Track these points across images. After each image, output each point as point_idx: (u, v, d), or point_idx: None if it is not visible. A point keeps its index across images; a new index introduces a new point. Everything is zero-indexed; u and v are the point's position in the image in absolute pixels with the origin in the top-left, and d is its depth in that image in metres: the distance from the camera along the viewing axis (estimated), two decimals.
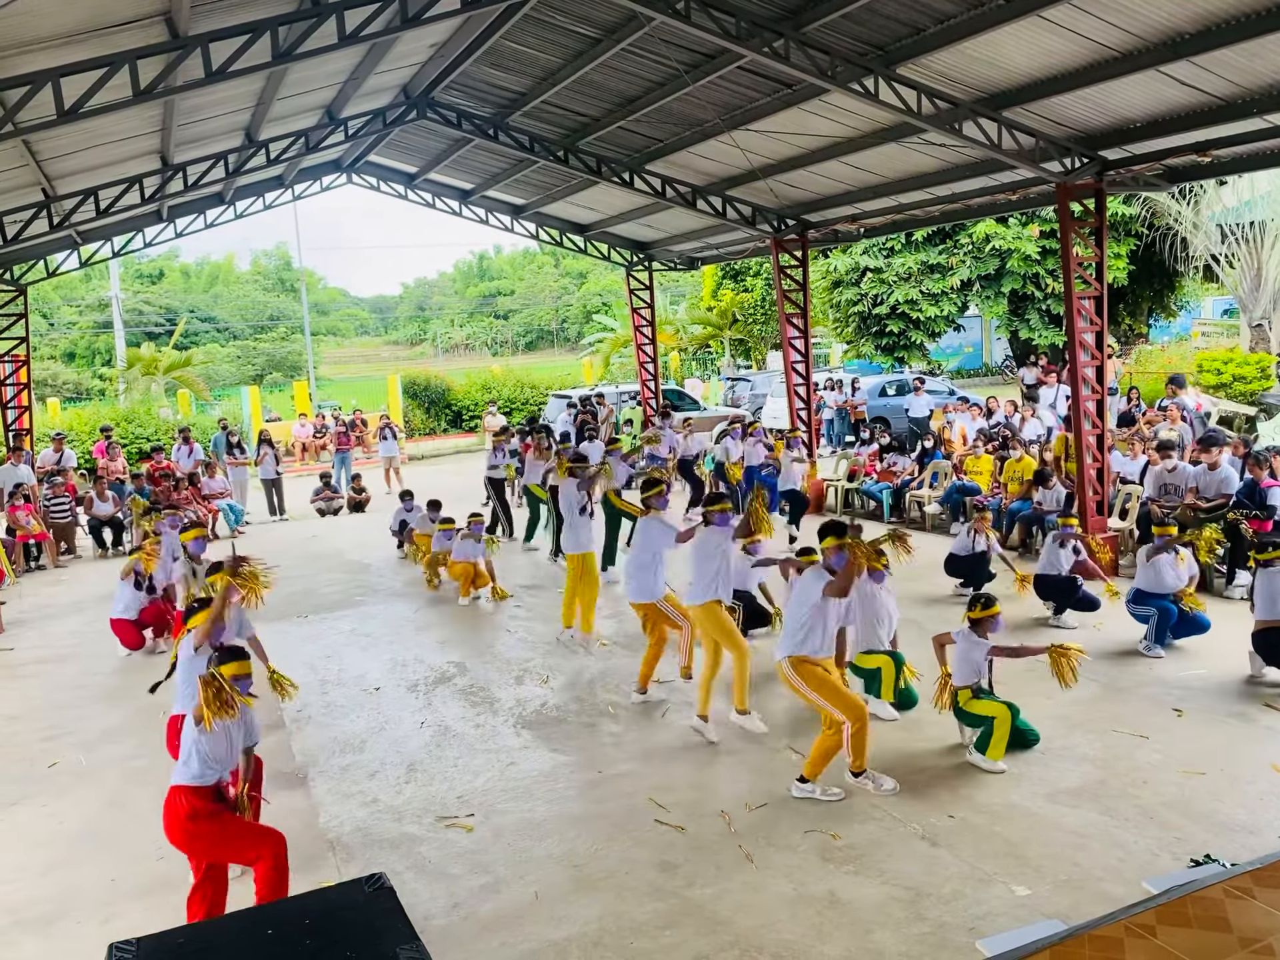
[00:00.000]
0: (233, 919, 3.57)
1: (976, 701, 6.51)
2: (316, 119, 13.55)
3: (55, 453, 17.01)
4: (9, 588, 12.75)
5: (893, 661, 7.25)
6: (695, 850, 5.51)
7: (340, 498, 17.97)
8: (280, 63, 8.07)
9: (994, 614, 6.61)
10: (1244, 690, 7.47)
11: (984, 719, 6.42)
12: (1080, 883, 5.00)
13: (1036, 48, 8.74)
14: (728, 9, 8.91)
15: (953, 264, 22.74)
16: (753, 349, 35.72)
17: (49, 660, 9.84)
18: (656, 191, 15.01)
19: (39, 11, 6.70)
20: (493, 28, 10.73)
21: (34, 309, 22.88)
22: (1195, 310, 32.26)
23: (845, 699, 5.98)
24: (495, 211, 19.09)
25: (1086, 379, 10.96)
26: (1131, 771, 6.20)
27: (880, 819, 5.76)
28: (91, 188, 12.21)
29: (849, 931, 4.71)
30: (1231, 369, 17.86)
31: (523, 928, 4.88)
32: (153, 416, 24.99)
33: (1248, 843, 5.26)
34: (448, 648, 9.52)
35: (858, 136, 11.81)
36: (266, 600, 6.31)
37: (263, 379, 47.07)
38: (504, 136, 14.15)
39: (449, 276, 77.99)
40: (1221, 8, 7.60)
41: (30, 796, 6.73)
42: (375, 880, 3.46)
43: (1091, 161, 10.54)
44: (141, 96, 7.56)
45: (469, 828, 5.92)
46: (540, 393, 29.15)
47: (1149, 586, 8.42)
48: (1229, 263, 21.82)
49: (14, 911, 5.27)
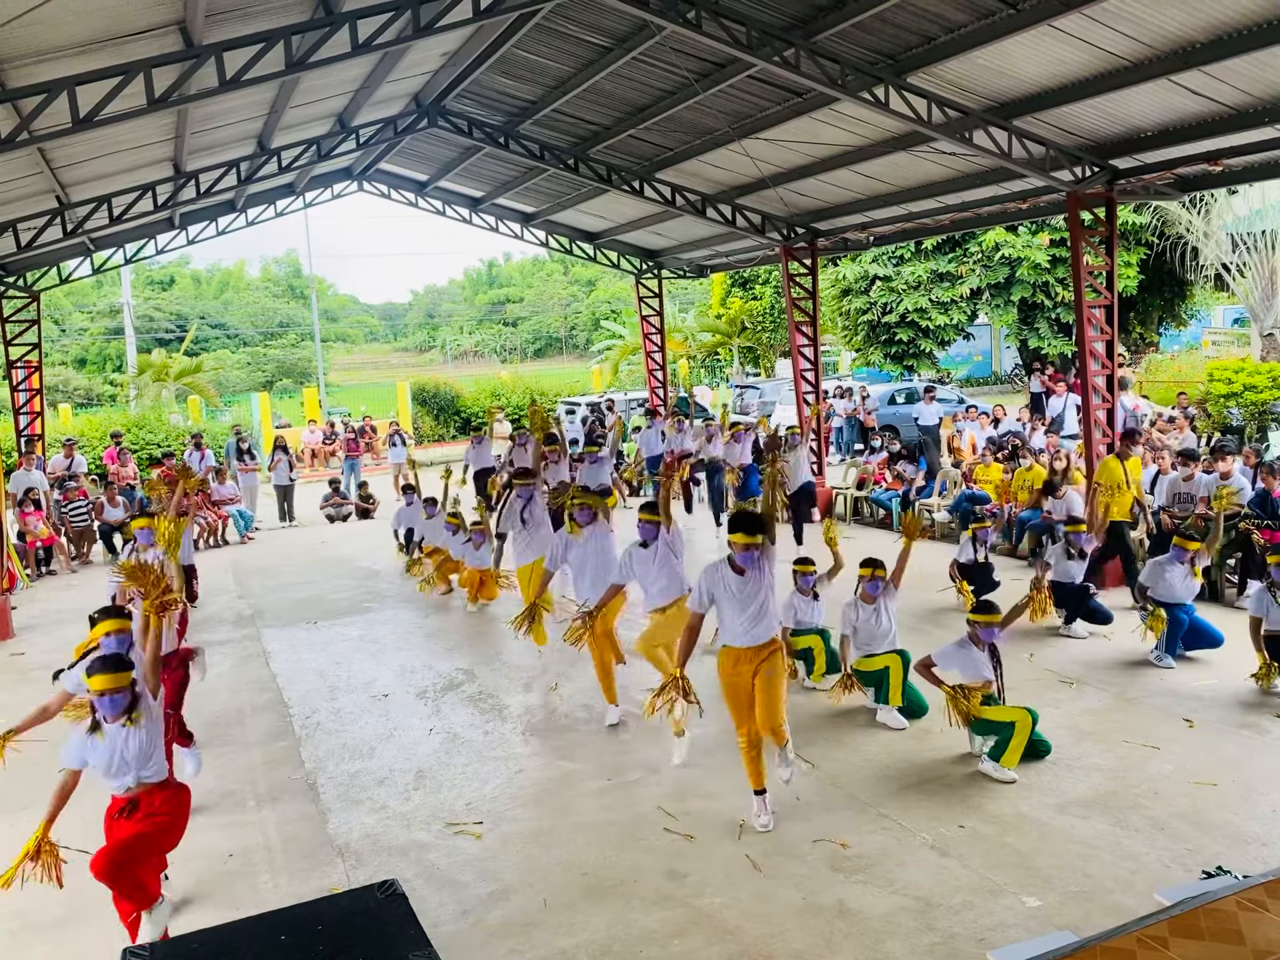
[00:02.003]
0: (247, 924, 3.57)
1: (990, 708, 6.50)
2: (328, 127, 13.61)
3: (66, 458, 17.10)
4: (21, 591, 12.81)
5: (899, 660, 7.25)
6: (704, 859, 5.50)
7: (349, 504, 18.02)
8: (293, 72, 8.12)
9: (990, 621, 6.62)
10: (1256, 701, 7.43)
11: (1002, 725, 6.38)
12: (1091, 894, 4.97)
13: (1047, 57, 8.74)
14: (739, 18, 8.94)
15: (962, 272, 22.69)
16: (762, 357, 35.71)
17: (60, 665, 9.84)
18: (666, 200, 15.04)
19: (55, 21, 6.75)
20: (504, 37, 10.78)
21: (46, 315, 23.02)
22: (1206, 319, 32.12)
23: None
24: (505, 219, 19.15)
25: (1097, 388, 10.95)
26: (1143, 782, 6.18)
27: (889, 828, 5.74)
28: (105, 195, 12.29)
29: (858, 941, 4.69)
30: (1242, 378, 17.77)
31: (531, 935, 4.88)
32: (163, 422, 25.09)
33: (1260, 854, 5.24)
34: (456, 654, 9.53)
35: (868, 145, 11.82)
36: (277, 616, 6.31)
37: (273, 385, 47.21)
38: (514, 145, 14.20)
39: (458, 283, 78.12)
40: (1233, 18, 7.59)
41: (40, 801, 6.71)
42: (388, 886, 3.47)
43: (1102, 170, 10.54)
44: (156, 105, 7.60)
45: (478, 835, 5.92)
46: (549, 399, 29.18)
47: (1156, 593, 8.38)
48: (1240, 272, 21.74)
49: (24, 915, 5.29)
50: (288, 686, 8.78)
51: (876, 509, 14.85)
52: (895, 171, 12.50)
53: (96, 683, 4.51)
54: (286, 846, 5.87)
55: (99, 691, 4.52)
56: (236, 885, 5.48)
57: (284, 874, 5.59)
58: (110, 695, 4.53)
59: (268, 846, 5.90)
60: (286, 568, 13.74)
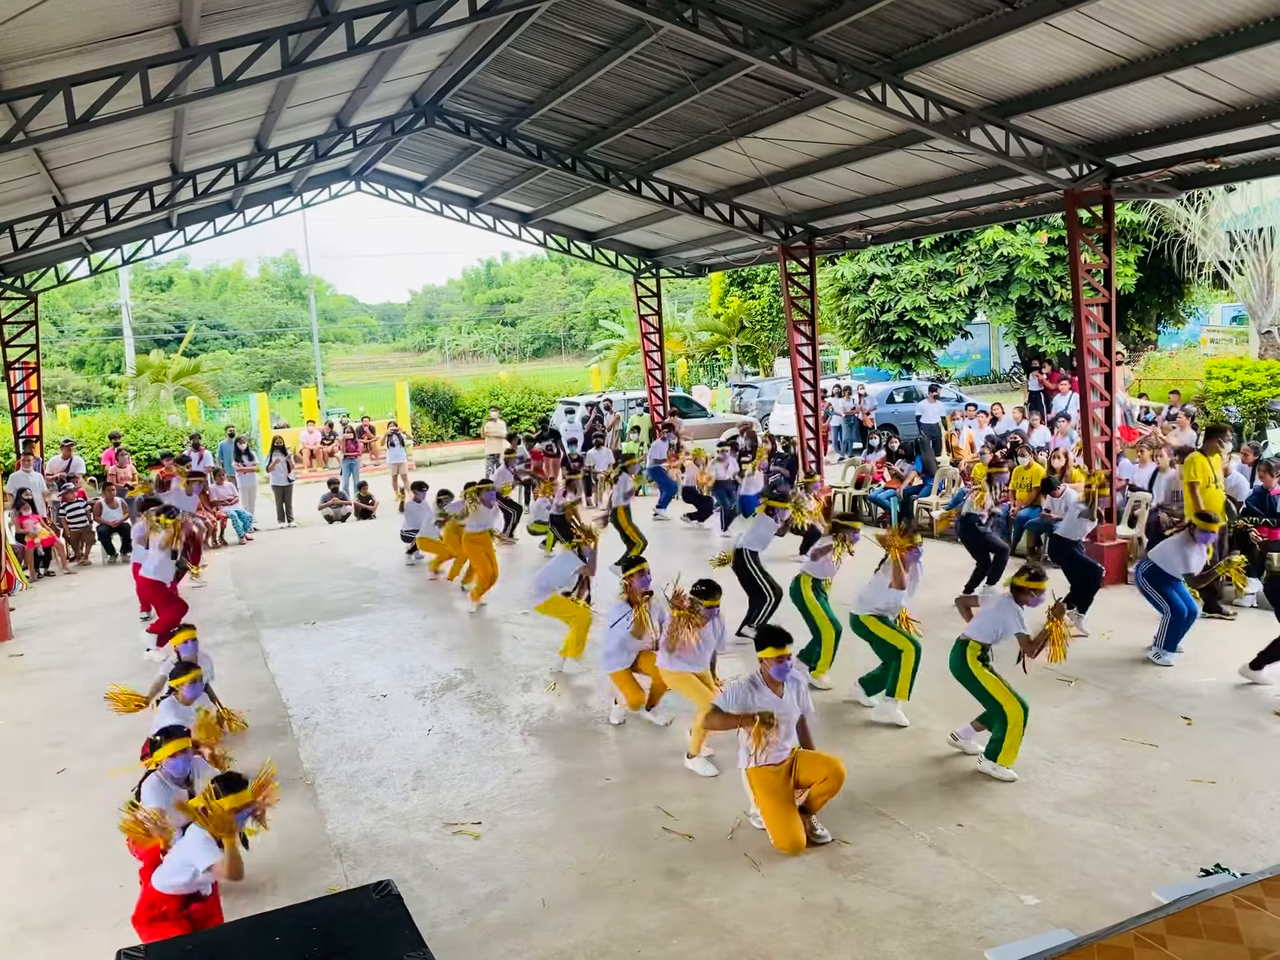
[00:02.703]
0: (240, 925, 3.57)
1: (986, 672, 6.45)
2: (325, 127, 13.61)
3: (64, 459, 17.08)
4: (20, 593, 12.81)
5: (914, 650, 7.23)
6: (702, 858, 5.50)
7: (348, 505, 17.99)
8: (290, 72, 8.10)
9: (1040, 588, 6.49)
10: (1254, 699, 7.43)
11: (995, 709, 6.35)
12: (1089, 892, 4.97)
13: (1044, 55, 8.74)
14: (736, 17, 8.93)
15: (960, 271, 22.70)
16: (760, 356, 35.71)
17: (58, 666, 9.87)
18: (664, 199, 15.04)
19: (51, 22, 6.74)
20: (501, 36, 10.77)
21: (44, 316, 22.97)
22: (1204, 317, 32.11)
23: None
24: (503, 219, 19.15)
25: (1095, 386, 10.94)
26: (1141, 780, 6.18)
27: (888, 827, 5.74)
28: (102, 196, 12.28)
29: (856, 940, 4.69)
30: (1240, 376, 17.77)
31: (530, 935, 4.87)
32: (161, 423, 25.08)
33: (1258, 852, 5.24)
34: (455, 655, 9.53)
35: (865, 144, 11.81)
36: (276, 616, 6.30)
37: (271, 386, 47.20)
38: (512, 144, 14.19)
39: (457, 283, 78.14)
40: (1230, 15, 7.59)
41: (39, 803, 6.75)
42: (383, 887, 3.46)
43: (1099, 168, 10.53)
44: (152, 105, 7.59)
45: (476, 835, 5.91)
46: (548, 399, 29.17)
47: (1168, 567, 8.28)
48: (1238, 269, 21.75)
49: (22, 917, 5.29)
50: (286, 687, 8.77)
51: (875, 508, 14.85)
52: (893, 170, 12.50)
53: (226, 802, 4.40)
54: (285, 847, 5.86)
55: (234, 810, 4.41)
56: (234, 886, 5.47)
57: (282, 875, 5.58)
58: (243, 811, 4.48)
59: (266, 847, 5.89)
60: (285, 568, 13.72)
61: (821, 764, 5.66)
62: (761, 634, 5.83)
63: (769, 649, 5.64)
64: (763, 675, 5.68)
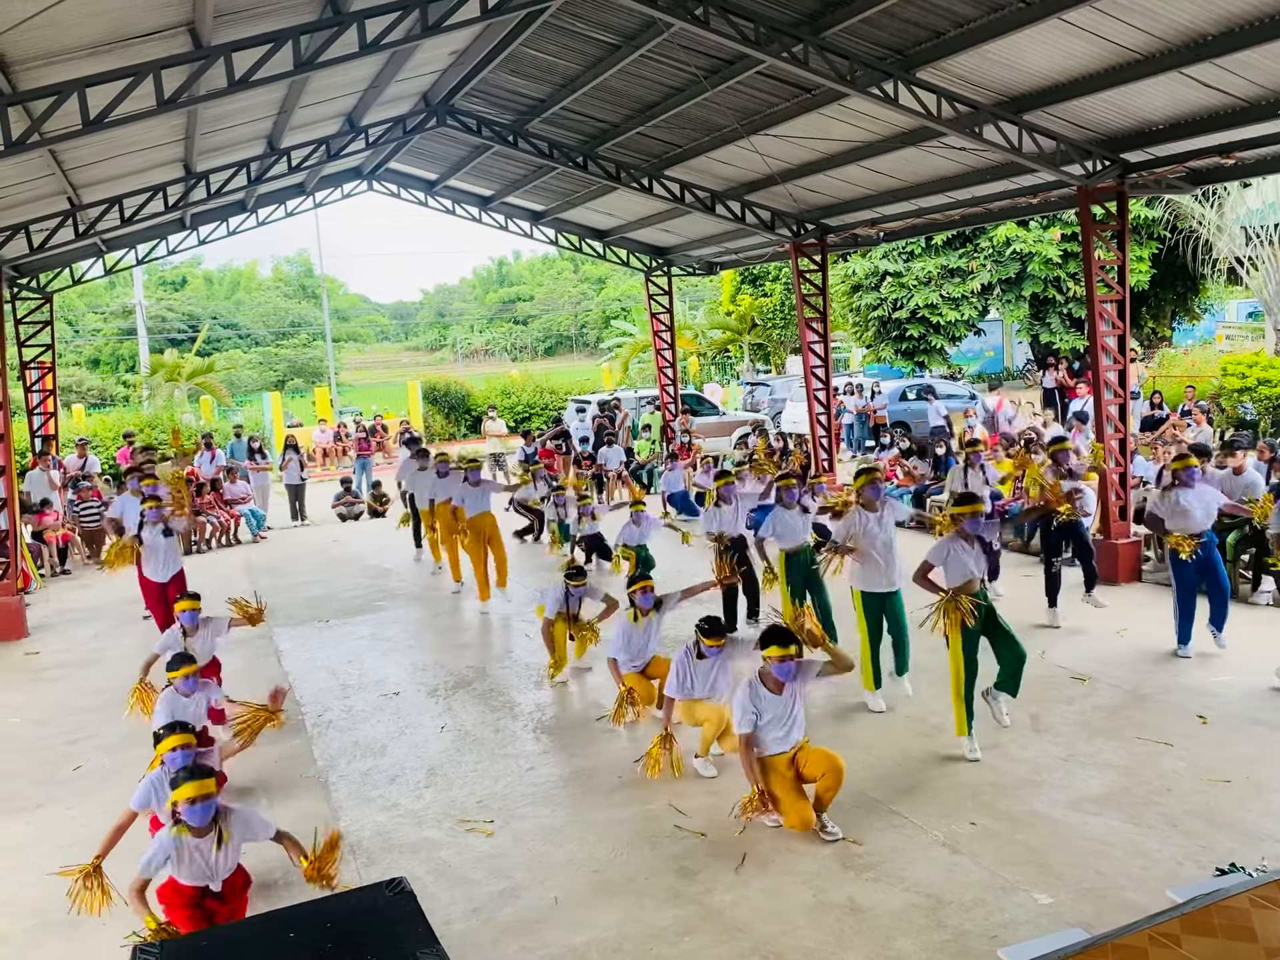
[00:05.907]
0: (254, 922, 3.59)
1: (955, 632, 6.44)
2: (337, 127, 13.64)
3: (79, 458, 17.19)
4: (35, 591, 12.89)
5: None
6: (714, 856, 5.50)
7: (361, 503, 18.06)
8: (302, 71, 8.14)
9: (976, 510, 6.54)
10: (1270, 698, 7.37)
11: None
12: (1103, 891, 4.95)
13: (1057, 50, 8.70)
14: (746, 14, 8.91)
15: (973, 268, 22.61)
16: (772, 354, 35.67)
17: (73, 664, 9.93)
18: (675, 197, 15.03)
19: (65, 23, 6.78)
20: (512, 35, 10.78)
21: (60, 316, 23.10)
22: (1219, 314, 31.92)
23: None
24: (514, 217, 19.17)
25: (1109, 383, 10.89)
26: (1156, 779, 6.14)
27: (901, 826, 5.73)
28: (116, 196, 12.34)
29: (869, 939, 4.68)
30: (1256, 372, 17.68)
31: (542, 933, 4.88)
32: (175, 422, 25.20)
33: (1274, 851, 5.20)
34: (467, 652, 9.55)
35: (877, 141, 11.78)
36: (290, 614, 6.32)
37: (284, 385, 47.37)
38: (523, 143, 14.20)
39: (469, 282, 78.22)
40: (1245, 9, 7.53)
41: (55, 800, 6.80)
42: (396, 884, 3.47)
43: (1113, 164, 10.48)
44: (165, 106, 7.63)
45: (489, 833, 5.93)
46: (560, 398, 29.21)
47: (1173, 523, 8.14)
48: (1253, 265, 21.62)
49: (39, 913, 5.33)
50: (299, 684, 8.81)
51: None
52: (905, 167, 12.46)
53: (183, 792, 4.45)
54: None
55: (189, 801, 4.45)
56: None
57: (295, 872, 5.58)
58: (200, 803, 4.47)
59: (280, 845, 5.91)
60: (298, 567, 13.78)
61: (823, 760, 5.68)
62: (765, 633, 5.83)
63: (773, 648, 5.64)
64: (763, 674, 5.71)
